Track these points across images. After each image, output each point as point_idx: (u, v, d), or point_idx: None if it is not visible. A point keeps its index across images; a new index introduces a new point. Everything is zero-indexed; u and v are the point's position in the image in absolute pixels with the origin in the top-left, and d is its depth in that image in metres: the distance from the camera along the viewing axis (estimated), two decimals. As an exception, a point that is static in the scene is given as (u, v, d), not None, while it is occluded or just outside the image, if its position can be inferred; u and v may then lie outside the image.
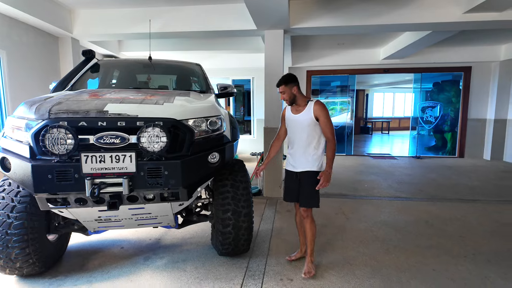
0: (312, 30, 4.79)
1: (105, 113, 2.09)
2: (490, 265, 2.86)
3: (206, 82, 3.62)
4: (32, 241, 2.45)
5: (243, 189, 2.75)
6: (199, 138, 2.31)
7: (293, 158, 2.76)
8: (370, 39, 7.18)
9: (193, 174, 2.23)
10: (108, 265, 2.88)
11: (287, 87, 2.65)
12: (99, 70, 3.69)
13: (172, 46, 7.06)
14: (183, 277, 2.66)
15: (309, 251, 2.75)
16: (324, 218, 4.04)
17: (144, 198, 2.21)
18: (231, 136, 2.63)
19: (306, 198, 2.68)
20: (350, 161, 8.29)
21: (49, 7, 4.57)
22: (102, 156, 2.00)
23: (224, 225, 2.69)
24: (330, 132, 2.63)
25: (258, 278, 2.64)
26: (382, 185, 5.74)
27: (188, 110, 2.34)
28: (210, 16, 4.78)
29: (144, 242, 3.37)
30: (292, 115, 2.73)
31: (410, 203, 4.68)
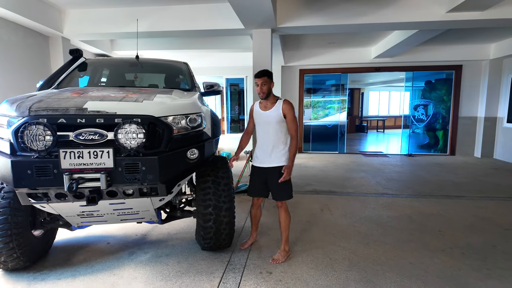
0: (299, 29, 4.85)
1: (84, 110, 2.15)
2: (464, 257, 2.94)
3: (192, 80, 3.68)
4: (16, 236, 2.51)
5: (224, 185, 2.81)
6: (177, 134, 2.37)
7: (261, 154, 2.90)
8: (361, 38, 7.25)
9: (171, 170, 2.30)
10: (93, 259, 2.94)
11: (269, 80, 2.81)
12: (86, 69, 3.75)
13: (165, 45, 7.12)
14: (165, 270, 2.73)
15: (283, 239, 2.92)
16: (309, 214, 4.12)
17: (124, 193, 2.27)
18: (211, 133, 2.69)
19: (279, 191, 2.85)
20: (342, 159, 8.37)
21: (39, 7, 4.62)
22: (81, 152, 2.06)
23: (205, 220, 2.76)
24: (295, 130, 2.80)
25: (238, 271, 2.71)
26: (371, 182, 5.81)
27: (167, 107, 2.40)
28: (198, 15, 4.84)
29: (130, 237, 3.43)
30: (261, 111, 2.88)
31: (396, 200, 4.76)
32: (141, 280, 2.59)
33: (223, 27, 4.83)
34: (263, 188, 2.94)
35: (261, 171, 2.90)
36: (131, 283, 2.55)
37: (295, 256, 2.97)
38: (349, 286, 2.48)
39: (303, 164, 7.69)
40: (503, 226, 3.70)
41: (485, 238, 3.37)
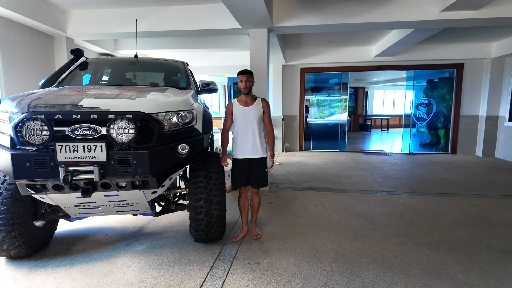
0: (296, 28, 4.94)
1: (79, 107, 2.29)
2: (450, 252, 3.01)
3: (188, 78, 3.80)
4: (18, 225, 2.67)
5: (215, 179, 2.93)
6: (168, 130, 2.49)
7: (243, 146, 3.15)
8: (361, 37, 7.30)
9: (161, 163, 2.42)
10: (91, 249, 3.09)
11: (251, 78, 3.16)
12: (87, 68, 3.90)
13: (169, 44, 7.27)
14: (158, 260, 2.86)
15: (253, 219, 3.39)
16: (303, 210, 4.21)
17: (117, 185, 2.41)
18: (202, 129, 2.80)
19: (259, 180, 3.22)
20: (342, 157, 8.42)
21: (43, 8, 4.79)
22: (75, 146, 2.20)
23: (197, 213, 2.88)
24: (271, 125, 3.27)
25: (228, 261, 2.83)
26: (367, 180, 5.88)
27: (159, 104, 2.52)
28: (197, 15, 4.96)
29: (128, 229, 3.58)
30: (242, 107, 3.16)
31: (390, 197, 4.82)
32: (135, 268, 2.73)
33: (220, 27, 4.94)
34: (247, 178, 3.22)
35: (244, 162, 3.17)
36: (126, 271, 2.69)
37: (284, 249, 3.07)
38: (333, 277, 2.58)
39: (303, 162, 7.78)
40: (492, 223, 3.75)
41: (473, 234, 3.43)
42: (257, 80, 4.96)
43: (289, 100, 9.33)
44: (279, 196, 4.83)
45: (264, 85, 4.95)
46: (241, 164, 3.17)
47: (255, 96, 3.22)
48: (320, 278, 2.55)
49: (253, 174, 3.18)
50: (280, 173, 6.48)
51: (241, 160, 3.17)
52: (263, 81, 4.94)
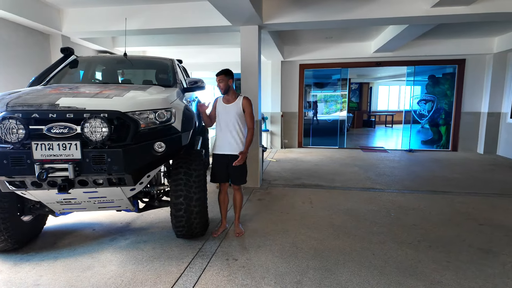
0: (286, 25, 4.93)
1: (56, 106, 2.35)
2: (429, 250, 3.01)
3: (174, 76, 3.84)
4: (3, 220, 2.76)
5: (195, 176, 2.97)
6: (145, 128, 2.54)
7: (222, 142, 3.25)
8: (359, 32, 7.22)
9: (136, 161, 2.47)
10: (77, 244, 3.18)
11: (226, 78, 3.20)
12: (77, 66, 3.97)
13: (168, 41, 7.28)
14: (139, 255, 2.93)
15: (236, 216, 3.45)
16: (290, 207, 4.24)
17: (94, 182, 2.48)
18: (181, 127, 2.84)
19: (238, 177, 3.27)
20: (340, 154, 8.39)
21: (38, 7, 4.87)
22: (51, 144, 2.26)
23: (176, 209, 2.93)
24: (252, 123, 3.27)
25: (206, 257, 2.88)
26: (360, 177, 5.86)
27: (135, 103, 2.57)
28: (187, 13, 4.98)
29: (115, 225, 3.66)
30: (224, 104, 3.28)
31: (380, 194, 4.81)
32: (115, 263, 2.80)
33: (211, 24, 4.96)
34: (225, 174, 3.27)
35: (223, 158, 3.25)
36: (106, 265, 2.76)
37: (264, 245, 3.11)
38: (307, 274, 2.61)
39: (299, 158, 7.78)
40: (478, 221, 3.72)
41: (457, 232, 3.42)
42: (248, 77, 4.98)
43: (288, 97, 9.31)
44: (270, 193, 4.86)
45: (255, 81, 4.96)
46: (219, 159, 3.27)
47: (238, 95, 3.31)
48: (294, 275, 2.59)
49: (231, 171, 3.24)
50: (274, 169, 6.51)
51: (219, 156, 3.27)
52: (254, 77, 4.95)
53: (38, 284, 2.48)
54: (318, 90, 9.76)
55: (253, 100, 4.97)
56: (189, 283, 2.48)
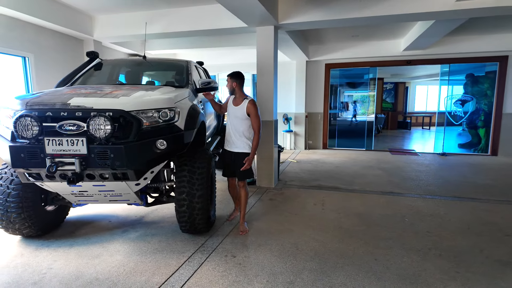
0: (302, 25, 4.88)
1: (67, 105, 2.56)
2: (439, 258, 2.83)
3: (187, 77, 3.98)
4: (27, 209, 3.05)
5: (198, 174, 3.07)
6: (147, 127, 2.68)
7: (230, 140, 3.45)
8: (387, 30, 6.94)
9: (138, 158, 2.61)
10: (91, 234, 3.42)
11: (230, 80, 3.40)
12: (101, 68, 4.26)
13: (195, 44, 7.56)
14: (144, 247, 3.09)
15: (241, 214, 3.48)
16: (300, 208, 4.20)
17: (100, 176, 2.66)
18: (185, 126, 2.94)
19: (242, 174, 3.40)
20: (366, 156, 8.12)
21: (71, 15, 5.30)
22: (61, 140, 2.47)
23: (179, 205, 3.04)
24: (257, 127, 3.36)
25: (206, 253, 2.96)
26: (382, 180, 5.63)
27: (139, 102, 2.71)
28: (205, 16, 5.13)
29: (130, 218, 3.87)
30: (232, 105, 3.46)
31: (399, 198, 4.59)
32: (122, 253, 2.97)
33: (228, 26, 5.06)
34: (231, 169, 3.49)
35: (229, 154, 3.46)
36: (113, 255, 2.95)
37: (265, 244, 3.13)
38: (301, 275, 2.58)
39: (321, 160, 7.65)
40: (504, 232, 3.43)
41: (475, 242, 3.18)
42: (264, 77, 5.02)
43: (313, 97, 9.19)
44: (283, 194, 4.85)
45: (270, 82, 4.98)
46: (226, 155, 3.51)
47: (245, 97, 3.40)
48: (288, 275, 2.58)
49: (235, 167, 3.41)
50: (293, 170, 6.46)
51: (227, 151, 3.50)
52: (270, 78, 4.97)
53: (51, 268, 2.72)
54: (345, 90, 9.52)
55: (269, 101, 5.02)
56: (185, 276, 2.57)
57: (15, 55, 4.69)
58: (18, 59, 4.83)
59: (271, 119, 5.06)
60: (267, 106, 5.05)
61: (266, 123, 5.07)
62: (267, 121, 5.06)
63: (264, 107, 5.07)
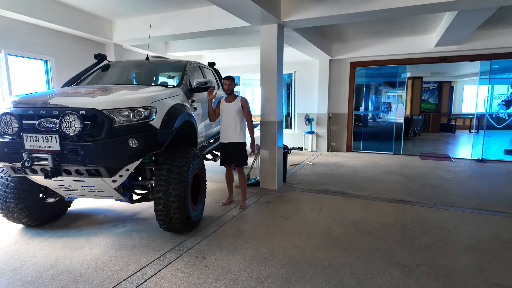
0: (306, 22, 4.68)
1: (47, 104, 2.72)
2: (425, 277, 2.52)
3: (182, 78, 4.02)
4: (23, 200, 3.29)
5: (176, 173, 3.08)
6: (119, 125, 2.74)
7: (225, 133, 4.10)
8: (414, 24, 6.42)
9: (108, 155, 2.68)
10: (84, 227, 3.59)
11: (233, 82, 4.12)
12: (108, 69, 4.47)
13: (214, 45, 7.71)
14: (124, 243, 3.17)
15: (242, 193, 4.26)
16: (295, 212, 4.03)
17: (76, 172, 2.78)
18: (161, 125, 2.96)
19: (239, 160, 4.14)
20: (391, 160, 7.58)
21: (91, 21, 5.66)
22: (37, 137, 2.63)
23: (156, 203, 3.08)
24: (249, 117, 4.17)
25: (179, 252, 2.95)
26: (397, 187, 5.21)
27: (114, 101, 2.79)
28: (212, 16, 5.16)
29: (125, 213, 4.01)
30: (226, 104, 4.11)
31: (408, 207, 4.20)
32: (101, 247, 3.08)
33: (232, 25, 5.03)
34: (230, 158, 4.15)
35: (226, 146, 4.11)
36: (93, 248, 3.06)
37: (241, 248, 3.04)
38: (264, 283, 2.46)
39: (340, 163, 7.30)
40: (519, 252, 2.96)
41: (479, 261, 2.78)
42: (267, 77, 4.91)
43: (336, 97, 8.82)
44: (283, 197, 4.70)
45: (273, 81, 4.85)
46: (224, 146, 4.15)
47: (236, 96, 4.15)
48: (249, 282, 2.47)
49: (234, 156, 4.10)
50: (304, 173, 6.25)
51: (224, 144, 4.14)
52: (273, 78, 4.85)
53: (34, 257, 2.90)
54: (372, 90, 8.99)
55: (272, 101, 4.91)
56: (148, 274, 2.58)
57: (37, 58, 5.12)
58: (41, 62, 5.27)
59: (274, 119, 4.93)
60: (270, 106, 4.93)
61: (268, 124, 4.96)
62: (270, 121, 4.94)
63: (268, 107, 4.96)
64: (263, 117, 5.05)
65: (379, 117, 9.53)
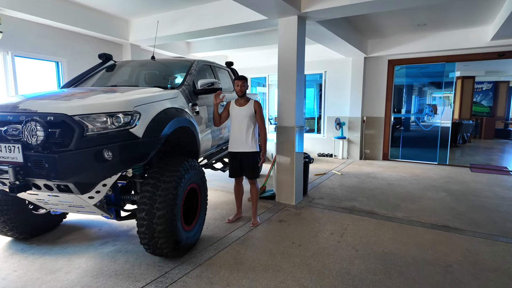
0: (330, 12, 4.02)
1: (16, 108, 2.38)
2: None
3: (185, 78, 3.58)
4: (7, 211, 3.04)
5: (162, 190, 2.61)
6: (92, 133, 2.33)
7: (236, 141, 3.60)
8: (465, 14, 5.45)
9: (76, 169, 2.27)
10: (72, 243, 3.26)
11: (245, 83, 3.56)
12: (113, 70, 4.17)
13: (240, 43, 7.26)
14: (105, 267, 2.77)
15: (254, 208, 3.74)
16: (309, 236, 3.40)
17: (45, 186, 2.41)
18: (145, 133, 2.51)
19: (251, 172, 3.65)
20: (434, 172, 6.58)
21: (105, 20, 5.46)
22: (0, 146, 2.29)
23: (139, 225, 2.64)
24: (263, 123, 3.63)
25: (162, 285, 2.48)
26: (441, 207, 4.34)
27: (89, 105, 2.39)
28: (226, 11, 4.69)
29: (120, 228, 3.64)
30: (237, 107, 3.59)
31: (455, 237, 3.38)
32: (80, 271, 2.70)
33: (248, 20, 4.50)
34: (240, 169, 3.66)
35: (236, 155, 3.62)
36: (70, 272, 2.69)
37: (233, 285, 2.49)
38: None
39: (373, 174, 6.46)
40: None
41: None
42: (284, 78, 4.33)
43: (372, 99, 7.95)
44: (300, 214, 4.07)
45: (292, 82, 4.25)
46: (233, 156, 3.65)
47: (249, 99, 3.63)
48: None
49: (246, 167, 3.62)
50: (330, 184, 5.54)
51: (234, 153, 3.64)
52: (291, 77, 4.24)
53: (5, 279, 2.59)
54: (413, 91, 7.99)
55: (289, 105, 4.33)
56: (115, 316, 2.13)
57: (47, 60, 4.99)
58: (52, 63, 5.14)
59: (292, 125, 4.32)
60: (288, 109, 4.33)
61: (286, 130, 4.36)
62: (288, 127, 4.34)
63: (285, 111, 4.36)
64: (280, 122, 4.46)
65: (422, 120, 8.48)
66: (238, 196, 3.86)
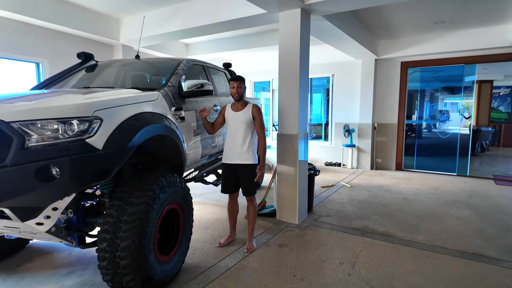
0: (338, 3, 3.50)
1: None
2: None
3: (169, 79, 3.10)
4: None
5: (129, 214, 2.11)
6: (37, 144, 1.84)
7: (230, 151, 3.13)
8: (487, 10, 4.89)
9: (13, 190, 1.78)
10: (32, 272, 2.77)
11: (242, 84, 3.11)
12: (94, 70, 3.72)
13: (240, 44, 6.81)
14: (61, 308, 2.26)
15: (250, 229, 3.24)
16: (314, 267, 2.83)
17: (-21, 211, 1.92)
18: (105, 143, 2.01)
19: (248, 188, 3.16)
20: (454, 185, 5.95)
21: (93, 18, 5.04)
22: None
23: (100, 258, 2.12)
24: (262, 131, 3.14)
25: (124, 338, 1.95)
26: (468, 229, 3.73)
27: (36, 109, 1.91)
28: (221, 5, 4.21)
29: (92, 253, 3.10)
30: (233, 112, 3.14)
31: (490, 268, 2.78)
32: (29, 313, 2.20)
33: (245, 14, 4.01)
34: (234, 184, 3.18)
35: (231, 167, 3.14)
36: (17, 314, 2.19)
37: None
38: None
39: (386, 186, 5.85)
40: None
41: None
42: (286, 80, 3.82)
43: (384, 104, 7.37)
44: (303, 236, 3.51)
45: (295, 84, 3.73)
46: (227, 169, 3.16)
47: (247, 102, 3.17)
48: None
49: (242, 182, 3.14)
50: (338, 199, 4.96)
51: (228, 165, 3.16)
52: (294, 79, 3.73)
53: None
54: (429, 96, 7.40)
55: (291, 110, 3.82)
56: None
57: (27, 61, 4.57)
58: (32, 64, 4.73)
59: (294, 132, 3.79)
60: (290, 115, 3.81)
61: (287, 138, 3.84)
62: (289, 135, 3.81)
63: (286, 117, 3.84)
64: (280, 129, 3.93)
65: (438, 127, 7.86)
66: (232, 215, 3.35)
